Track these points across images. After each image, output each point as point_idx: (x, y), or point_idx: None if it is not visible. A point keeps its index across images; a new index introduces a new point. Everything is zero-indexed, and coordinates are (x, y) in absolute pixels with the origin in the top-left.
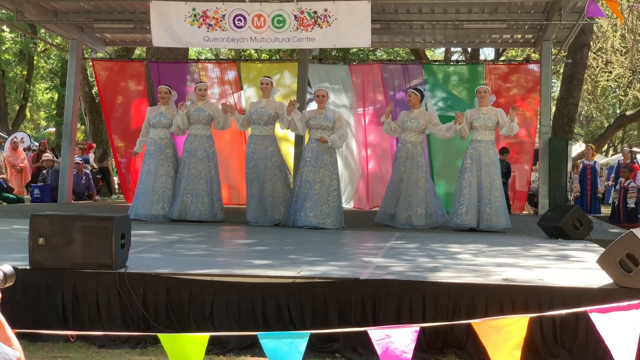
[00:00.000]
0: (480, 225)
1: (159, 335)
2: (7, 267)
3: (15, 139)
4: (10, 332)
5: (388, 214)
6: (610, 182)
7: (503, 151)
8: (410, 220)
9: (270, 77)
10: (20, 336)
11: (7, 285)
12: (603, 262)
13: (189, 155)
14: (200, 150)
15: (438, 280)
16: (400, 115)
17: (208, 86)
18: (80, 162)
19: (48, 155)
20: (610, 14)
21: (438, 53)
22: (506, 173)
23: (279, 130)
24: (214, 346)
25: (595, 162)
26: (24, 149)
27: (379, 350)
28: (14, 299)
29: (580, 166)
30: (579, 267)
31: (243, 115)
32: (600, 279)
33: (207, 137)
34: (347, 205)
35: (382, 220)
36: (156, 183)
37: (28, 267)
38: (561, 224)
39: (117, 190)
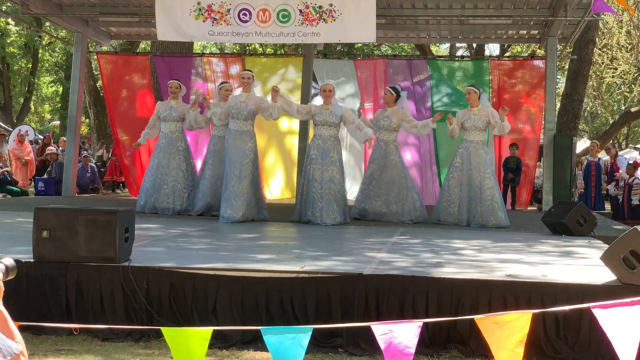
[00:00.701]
0: (471, 224)
1: (162, 329)
2: (9, 260)
3: (21, 132)
4: (12, 325)
5: (362, 209)
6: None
7: (513, 146)
8: (386, 217)
9: (251, 71)
10: (24, 329)
11: (9, 278)
12: (607, 258)
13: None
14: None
15: (441, 276)
16: (375, 114)
17: (233, 88)
18: (87, 155)
19: (52, 148)
20: (618, 8)
21: (443, 48)
22: (516, 169)
23: (283, 125)
24: (217, 340)
25: (599, 158)
26: (29, 142)
27: (382, 345)
28: (18, 291)
29: (585, 163)
30: (583, 263)
31: (220, 109)
32: (604, 275)
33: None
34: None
35: (356, 214)
36: (167, 176)
37: (32, 260)
38: (565, 220)
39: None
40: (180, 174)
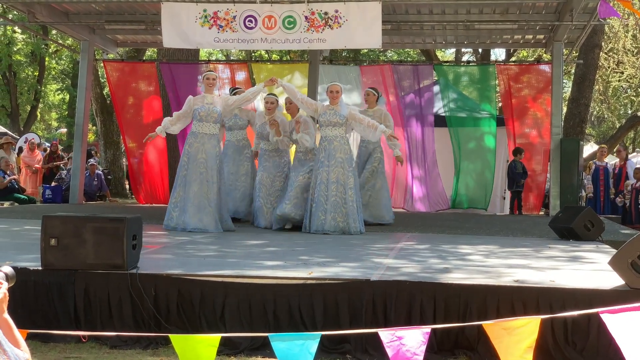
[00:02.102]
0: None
1: (170, 336)
2: (8, 269)
3: (33, 140)
4: (17, 334)
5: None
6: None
7: (517, 152)
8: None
9: (214, 72)
10: (32, 337)
11: (8, 286)
12: (615, 263)
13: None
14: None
15: (449, 282)
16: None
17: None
18: (95, 163)
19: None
20: (624, 12)
21: (449, 54)
22: (522, 174)
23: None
24: (225, 347)
25: (607, 162)
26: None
27: (389, 352)
28: (26, 299)
29: (593, 167)
30: (591, 268)
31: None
32: (612, 280)
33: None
34: None
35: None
36: (237, 182)
37: (40, 268)
38: (572, 225)
39: (128, 192)
40: (249, 180)
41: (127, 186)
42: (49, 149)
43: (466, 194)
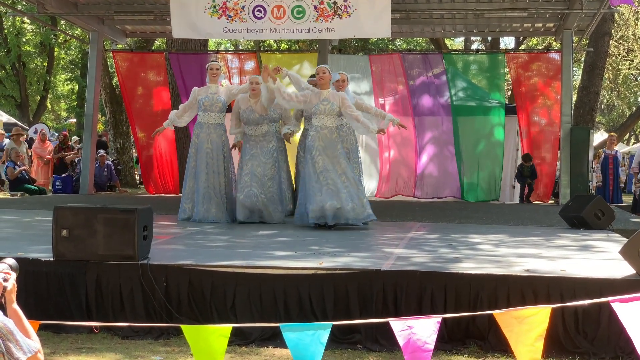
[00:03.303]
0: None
1: (182, 326)
2: (11, 260)
3: (43, 131)
4: (27, 324)
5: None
6: (631, 171)
7: (527, 158)
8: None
9: (218, 62)
10: (44, 327)
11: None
12: (625, 252)
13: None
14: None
15: (459, 272)
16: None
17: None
18: (104, 154)
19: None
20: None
21: (458, 42)
22: (531, 176)
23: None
24: (236, 337)
25: (616, 151)
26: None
27: (401, 341)
28: (38, 290)
29: (602, 156)
30: (601, 257)
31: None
32: (623, 269)
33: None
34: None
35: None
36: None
37: (52, 259)
38: (583, 214)
39: (138, 182)
40: (284, 174)
41: (137, 176)
42: (58, 139)
43: (476, 187)
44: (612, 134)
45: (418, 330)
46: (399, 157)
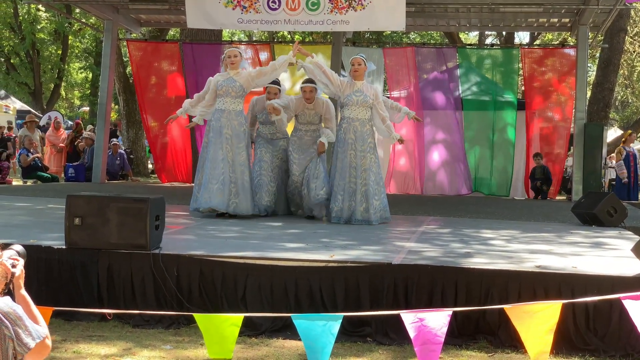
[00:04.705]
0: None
1: (195, 315)
2: (18, 247)
3: (57, 119)
4: (35, 310)
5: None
6: None
7: (537, 156)
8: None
9: (236, 49)
10: (56, 315)
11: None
12: (637, 250)
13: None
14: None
15: (471, 267)
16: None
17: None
18: (117, 143)
19: (91, 133)
20: None
21: (472, 36)
22: (545, 178)
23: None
24: (247, 328)
25: (633, 148)
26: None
27: (411, 333)
28: (50, 278)
29: (624, 153)
30: (613, 254)
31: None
32: (635, 267)
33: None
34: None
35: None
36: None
37: (64, 247)
38: (595, 211)
39: (150, 171)
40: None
41: (150, 165)
42: (72, 127)
43: (489, 181)
44: (630, 132)
45: (429, 323)
46: (408, 151)
